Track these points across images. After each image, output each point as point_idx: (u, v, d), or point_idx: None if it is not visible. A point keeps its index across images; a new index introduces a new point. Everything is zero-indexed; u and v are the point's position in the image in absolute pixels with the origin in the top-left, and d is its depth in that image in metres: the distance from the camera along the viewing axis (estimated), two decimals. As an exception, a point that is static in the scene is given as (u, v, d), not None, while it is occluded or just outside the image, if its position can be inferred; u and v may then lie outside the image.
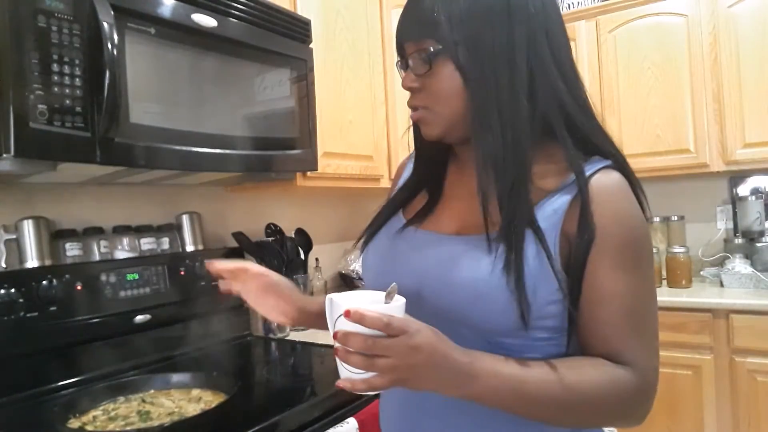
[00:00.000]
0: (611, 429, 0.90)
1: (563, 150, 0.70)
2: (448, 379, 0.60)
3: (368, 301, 0.62)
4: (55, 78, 0.98)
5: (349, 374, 0.61)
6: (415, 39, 0.72)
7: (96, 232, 1.44)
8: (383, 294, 0.64)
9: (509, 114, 0.68)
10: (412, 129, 0.83)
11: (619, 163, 0.71)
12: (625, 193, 0.69)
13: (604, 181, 0.68)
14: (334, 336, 0.60)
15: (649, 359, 0.67)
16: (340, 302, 0.62)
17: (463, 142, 0.75)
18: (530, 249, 0.66)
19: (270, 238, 1.88)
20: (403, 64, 0.76)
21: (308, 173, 1.65)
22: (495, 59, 0.68)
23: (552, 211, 0.68)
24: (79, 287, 1.30)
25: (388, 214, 0.84)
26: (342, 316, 0.59)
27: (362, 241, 0.85)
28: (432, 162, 0.83)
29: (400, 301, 0.62)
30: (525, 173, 0.68)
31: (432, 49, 0.69)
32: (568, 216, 0.67)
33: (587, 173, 0.68)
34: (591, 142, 0.72)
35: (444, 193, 0.81)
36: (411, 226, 0.79)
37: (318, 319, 0.87)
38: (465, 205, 0.76)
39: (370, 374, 0.59)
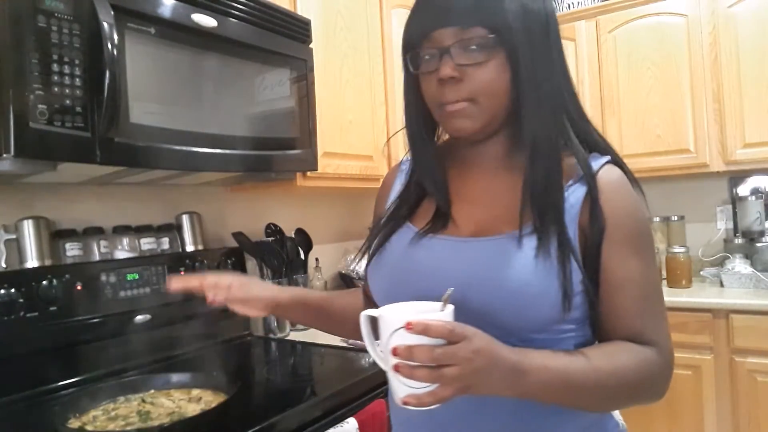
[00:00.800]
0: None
1: (569, 149, 0.73)
2: (503, 380, 0.60)
3: (419, 312, 0.60)
4: (55, 78, 0.98)
5: (410, 390, 0.58)
6: (464, 26, 0.68)
7: (96, 232, 1.44)
8: (427, 303, 0.63)
9: (556, 111, 0.72)
10: (411, 135, 0.81)
11: (616, 160, 0.75)
12: (628, 186, 0.73)
13: (610, 175, 0.72)
14: (394, 352, 0.58)
15: (666, 337, 0.72)
16: (392, 316, 0.60)
17: (485, 139, 0.76)
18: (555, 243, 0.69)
19: (270, 238, 1.88)
20: (428, 53, 0.71)
21: (308, 173, 1.65)
22: (544, 56, 0.71)
23: (569, 206, 0.70)
24: (79, 287, 1.31)
25: (395, 224, 0.81)
26: (400, 330, 0.57)
27: (370, 252, 0.82)
28: (433, 168, 0.80)
29: (450, 308, 0.61)
30: (561, 168, 0.71)
31: (491, 38, 0.68)
32: (583, 210, 0.70)
33: (594, 169, 0.72)
34: (588, 142, 0.76)
35: (452, 199, 0.79)
36: (427, 234, 0.77)
37: (288, 311, 0.93)
38: (477, 208, 0.76)
39: (433, 386, 0.57)
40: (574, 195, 0.71)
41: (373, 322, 0.66)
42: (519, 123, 0.72)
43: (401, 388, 0.59)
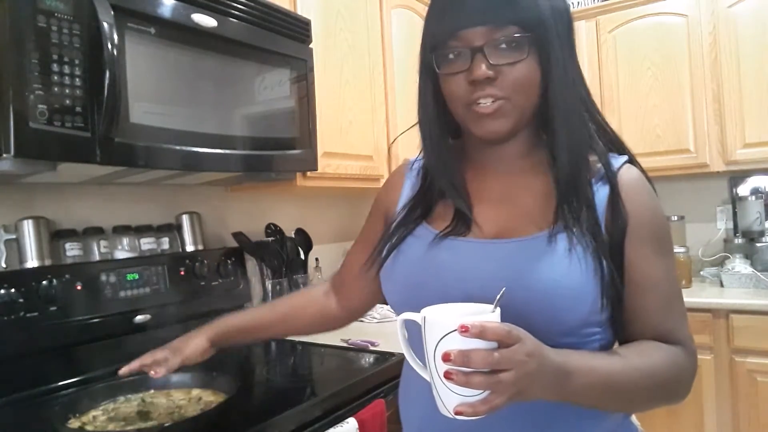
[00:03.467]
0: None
1: (591, 148, 0.73)
2: (551, 382, 0.58)
3: (468, 314, 0.57)
4: (55, 78, 0.98)
5: (461, 398, 0.55)
6: (497, 25, 0.67)
7: (96, 232, 1.44)
8: (472, 305, 0.61)
9: (582, 109, 0.72)
10: (428, 137, 0.78)
11: (632, 159, 0.76)
12: (648, 185, 0.74)
13: (631, 174, 0.73)
14: (446, 357, 0.54)
15: (690, 336, 0.72)
16: (441, 319, 0.56)
17: (507, 140, 0.75)
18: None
19: (270, 238, 1.88)
20: (455, 52, 0.69)
21: (308, 173, 1.65)
22: (571, 53, 0.71)
23: (596, 205, 0.70)
24: (79, 287, 1.30)
25: (410, 226, 0.79)
26: (452, 334, 0.54)
27: (384, 254, 0.79)
28: (452, 170, 0.78)
29: (498, 310, 0.58)
30: (589, 167, 0.72)
31: (526, 36, 0.67)
32: (608, 209, 0.70)
33: (614, 168, 0.72)
34: (605, 140, 0.76)
35: (471, 200, 0.78)
36: (448, 236, 0.75)
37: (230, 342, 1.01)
38: (498, 210, 0.75)
39: (485, 393, 0.54)
40: (599, 194, 0.71)
41: (408, 326, 0.62)
42: (544, 123, 0.72)
43: (450, 397, 0.56)
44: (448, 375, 0.54)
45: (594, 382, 0.62)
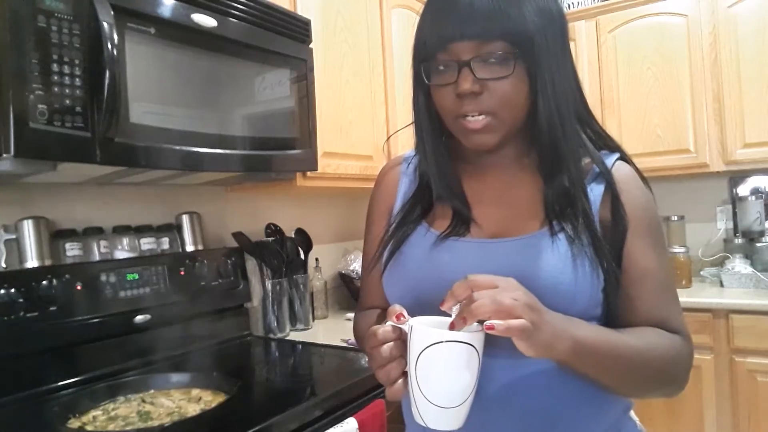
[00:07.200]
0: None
1: (583, 147, 0.75)
2: (557, 323, 0.60)
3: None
4: (55, 78, 0.98)
5: (435, 408, 0.58)
6: (484, 39, 0.67)
7: (96, 232, 1.44)
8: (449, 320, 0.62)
9: (571, 113, 0.73)
10: (422, 144, 0.79)
11: (624, 156, 0.78)
12: (639, 181, 0.76)
13: (624, 171, 0.75)
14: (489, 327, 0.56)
15: (686, 327, 0.74)
16: (429, 330, 0.58)
17: (498, 148, 0.75)
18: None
19: (270, 238, 1.88)
20: (444, 65, 0.70)
21: (308, 173, 1.65)
22: (560, 62, 0.71)
23: (591, 203, 0.72)
24: (79, 287, 1.30)
25: (410, 226, 0.79)
26: (436, 345, 0.57)
27: (385, 257, 0.79)
28: (447, 176, 0.79)
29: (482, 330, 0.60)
30: (581, 167, 0.73)
31: (513, 52, 0.67)
32: (603, 206, 0.72)
33: (608, 166, 0.74)
34: (597, 139, 0.78)
35: (469, 201, 0.78)
36: (449, 237, 0.75)
37: None
38: (496, 209, 0.76)
39: (461, 406, 0.58)
40: (594, 192, 0.73)
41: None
42: (535, 127, 0.72)
43: (424, 404, 0.58)
44: (489, 327, 0.56)
45: (596, 338, 0.63)
